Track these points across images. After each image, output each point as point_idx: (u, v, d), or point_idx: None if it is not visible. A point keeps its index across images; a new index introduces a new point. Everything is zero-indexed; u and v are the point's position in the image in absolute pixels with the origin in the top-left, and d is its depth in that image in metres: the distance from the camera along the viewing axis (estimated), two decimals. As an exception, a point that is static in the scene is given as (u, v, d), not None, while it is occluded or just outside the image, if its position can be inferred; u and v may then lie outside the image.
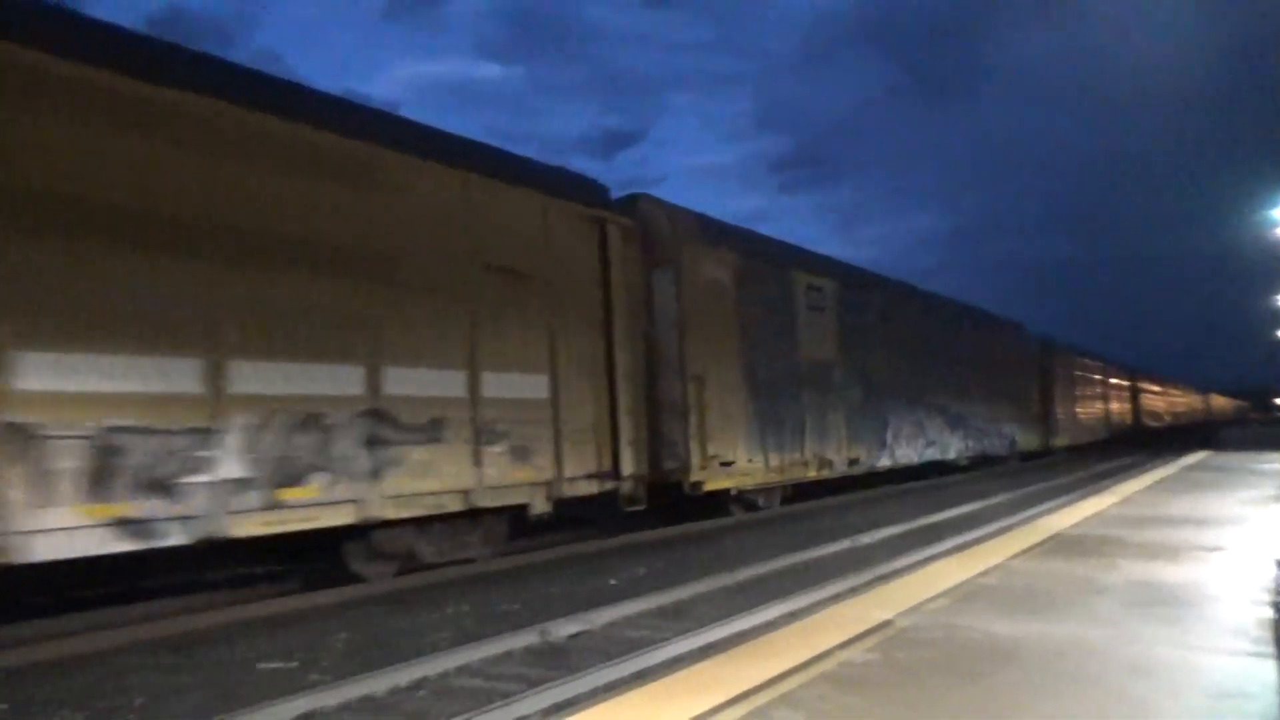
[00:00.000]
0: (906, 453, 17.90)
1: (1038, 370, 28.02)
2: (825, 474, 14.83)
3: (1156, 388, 53.98)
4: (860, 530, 11.38)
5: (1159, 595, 5.41)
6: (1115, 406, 41.67)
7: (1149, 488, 13.73)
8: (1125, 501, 11.59)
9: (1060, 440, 29.67)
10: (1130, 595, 5.44)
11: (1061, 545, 7.67)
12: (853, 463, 15.67)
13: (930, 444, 19.01)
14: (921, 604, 5.30)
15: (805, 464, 14.17)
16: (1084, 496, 13.33)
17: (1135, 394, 48.92)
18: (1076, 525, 9.04)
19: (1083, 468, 24.73)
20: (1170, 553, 7.01)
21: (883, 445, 16.92)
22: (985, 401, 22.46)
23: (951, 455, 20.28)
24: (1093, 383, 36.67)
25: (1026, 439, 26.06)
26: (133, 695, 5.23)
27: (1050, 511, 11.41)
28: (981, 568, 6.51)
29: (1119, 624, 4.72)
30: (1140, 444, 38.70)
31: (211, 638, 6.44)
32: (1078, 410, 33.02)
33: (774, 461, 13.31)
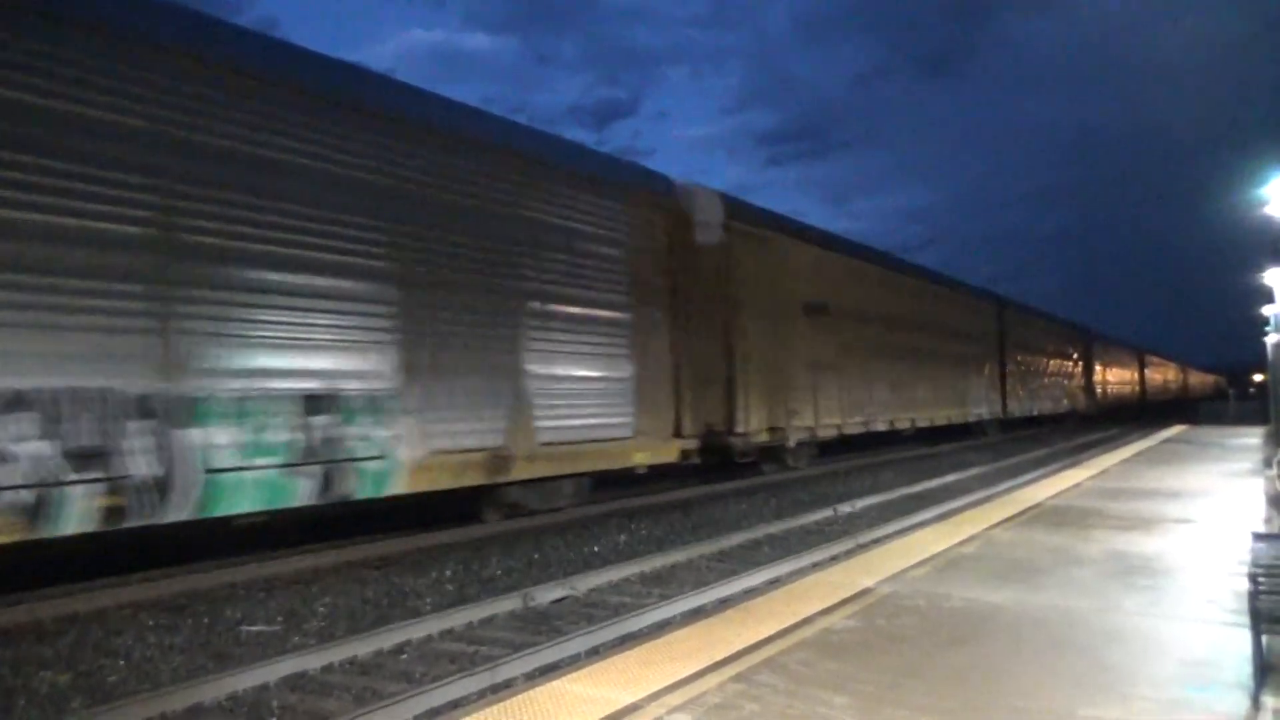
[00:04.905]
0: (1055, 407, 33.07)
1: (1084, 354, 37.74)
2: (1060, 409, 32.62)
3: (1160, 364, 61.03)
4: (843, 499, 11.48)
5: (1136, 565, 5.50)
6: (1141, 377, 55.08)
7: (1127, 460, 13.91)
8: (1104, 474, 11.74)
9: (1103, 403, 40.32)
10: (1108, 565, 5.53)
11: (1040, 516, 7.77)
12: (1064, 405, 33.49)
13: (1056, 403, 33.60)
14: (903, 572, 5.37)
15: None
16: (1063, 469, 13.50)
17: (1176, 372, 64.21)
18: (1055, 497, 9.16)
19: (1064, 440, 25.03)
20: (1147, 524, 7.12)
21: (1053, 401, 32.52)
22: (1068, 377, 35.60)
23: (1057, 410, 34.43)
24: (1124, 363, 47.56)
25: (1080, 403, 37.45)
26: (118, 656, 5.23)
27: (1029, 483, 11.55)
28: (962, 537, 6.60)
29: (1097, 593, 4.80)
30: (1132, 416, 44.12)
31: (197, 600, 6.45)
32: (1110, 382, 43.37)
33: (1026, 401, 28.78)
